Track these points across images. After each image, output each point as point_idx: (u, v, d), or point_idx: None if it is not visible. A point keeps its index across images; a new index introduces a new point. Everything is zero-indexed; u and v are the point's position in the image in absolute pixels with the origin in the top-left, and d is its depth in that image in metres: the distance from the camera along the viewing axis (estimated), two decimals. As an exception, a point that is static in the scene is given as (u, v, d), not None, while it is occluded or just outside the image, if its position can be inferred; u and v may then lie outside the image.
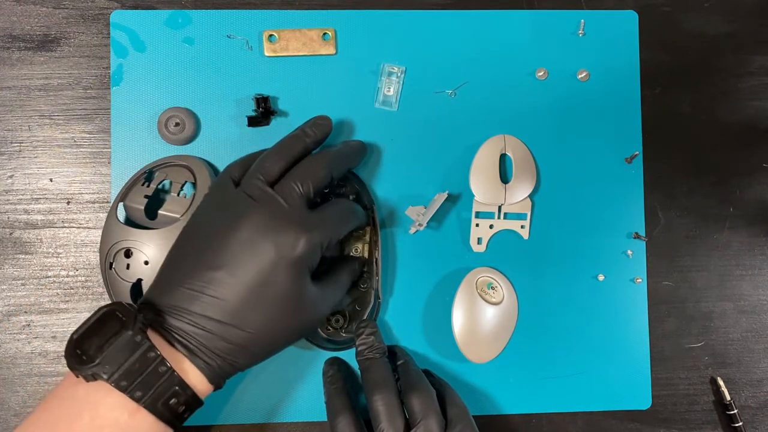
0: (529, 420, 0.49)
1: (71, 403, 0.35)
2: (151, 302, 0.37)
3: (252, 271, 0.37)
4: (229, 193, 0.40)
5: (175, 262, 0.39)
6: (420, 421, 0.39)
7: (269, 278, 0.37)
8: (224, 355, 0.37)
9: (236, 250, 0.37)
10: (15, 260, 0.47)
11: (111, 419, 0.34)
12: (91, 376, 0.34)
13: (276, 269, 0.37)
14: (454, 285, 0.48)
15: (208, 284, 0.37)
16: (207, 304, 0.36)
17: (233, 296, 0.37)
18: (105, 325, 0.34)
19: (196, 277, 0.37)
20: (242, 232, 0.37)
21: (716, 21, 0.52)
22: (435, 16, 0.50)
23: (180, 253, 0.39)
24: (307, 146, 0.42)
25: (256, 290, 0.37)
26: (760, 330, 0.51)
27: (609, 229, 0.49)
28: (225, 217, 0.39)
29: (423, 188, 0.49)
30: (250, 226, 0.38)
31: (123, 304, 0.36)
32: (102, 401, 0.34)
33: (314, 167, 0.41)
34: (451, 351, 0.48)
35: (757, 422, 0.50)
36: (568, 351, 0.49)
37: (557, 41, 0.50)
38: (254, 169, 0.40)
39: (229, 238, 0.37)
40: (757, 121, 0.51)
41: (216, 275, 0.37)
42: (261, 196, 0.39)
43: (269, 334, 0.38)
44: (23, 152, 0.48)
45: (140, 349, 0.34)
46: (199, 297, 0.36)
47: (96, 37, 0.49)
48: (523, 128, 0.49)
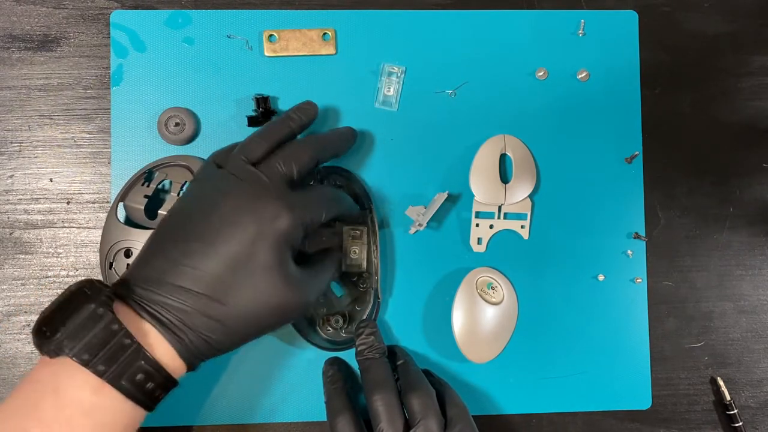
0: (529, 420, 0.49)
1: (37, 385, 0.33)
2: (124, 279, 0.36)
3: (231, 244, 0.36)
4: (212, 173, 0.39)
5: (152, 240, 0.38)
6: (420, 420, 0.39)
7: (249, 250, 0.36)
8: (197, 329, 0.35)
9: (216, 223, 0.36)
10: (15, 260, 0.47)
11: (74, 398, 0.32)
12: (53, 351, 0.32)
13: (256, 243, 0.36)
14: (454, 285, 0.48)
15: (185, 255, 0.35)
16: (182, 274, 0.35)
17: (210, 267, 0.35)
18: (72, 302, 0.33)
19: (172, 250, 0.36)
20: (223, 206, 0.37)
21: (716, 21, 0.52)
22: (435, 16, 0.50)
23: (158, 232, 0.38)
24: (293, 130, 0.42)
25: (234, 263, 0.36)
26: (760, 330, 0.51)
27: (609, 229, 0.49)
28: (206, 194, 0.38)
29: (423, 188, 0.49)
30: (231, 201, 0.37)
31: (92, 280, 0.35)
32: (66, 381, 0.33)
33: (299, 150, 0.40)
34: (451, 351, 0.48)
35: (757, 422, 0.50)
36: (568, 351, 0.49)
37: (557, 41, 0.50)
38: (238, 150, 0.40)
39: (210, 211, 0.37)
40: (757, 121, 0.51)
41: (193, 246, 0.36)
42: (243, 173, 0.38)
43: (247, 310, 0.36)
44: (23, 152, 0.48)
45: (102, 321, 0.32)
46: (174, 267, 0.35)
47: (96, 37, 0.49)
48: (523, 128, 0.49)
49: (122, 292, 0.35)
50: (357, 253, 0.47)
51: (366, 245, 0.47)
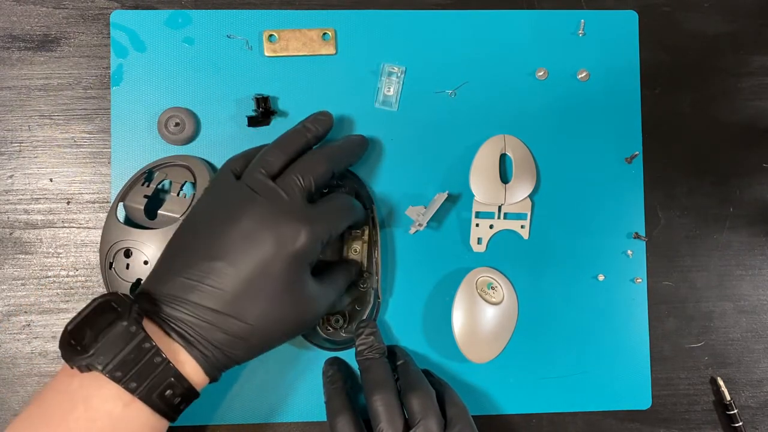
0: (529, 420, 0.49)
1: (65, 395, 0.34)
2: (147, 292, 0.37)
3: (252, 263, 0.37)
4: (230, 185, 0.40)
5: (173, 253, 0.39)
6: (419, 421, 0.39)
7: (269, 270, 0.37)
8: (221, 346, 0.37)
9: (236, 241, 0.37)
10: (15, 260, 0.47)
11: (104, 411, 0.34)
12: (86, 366, 0.33)
13: (276, 261, 0.37)
14: (454, 285, 0.48)
15: (207, 274, 0.36)
16: (205, 293, 0.36)
17: (232, 286, 0.36)
18: (100, 315, 0.34)
19: (194, 267, 0.37)
20: (243, 223, 0.37)
21: (716, 21, 0.52)
22: (435, 16, 0.50)
23: (178, 243, 0.39)
24: (308, 141, 0.42)
25: (255, 281, 0.37)
26: (760, 330, 0.51)
27: (609, 229, 0.49)
28: (226, 208, 0.38)
29: (423, 188, 0.49)
30: (251, 218, 0.37)
31: (118, 294, 0.36)
32: (96, 393, 0.34)
33: (315, 162, 0.41)
34: (451, 351, 0.48)
35: (757, 422, 0.50)
36: (568, 351, 0.49)
37: (557, 41, 0.50)
38: (256, 162, 0.40)
39: (230, 229, 0.37)
40: (757, 121, 0.51)
41: (215, 265, 0.36)
42: (263, 188, 0.39)
43: (267, 327, 0.38)
44: (23, 152, 0.48)
45: (135, 340, 0.33)
46: (198, 287, 0.36)
47: (96, 37, 0.49)
48: (523, 128, 0.49)
49: (149, 308, 0.36)
50: (357, 252, 0.47)
51: (367, 245, 0.47)
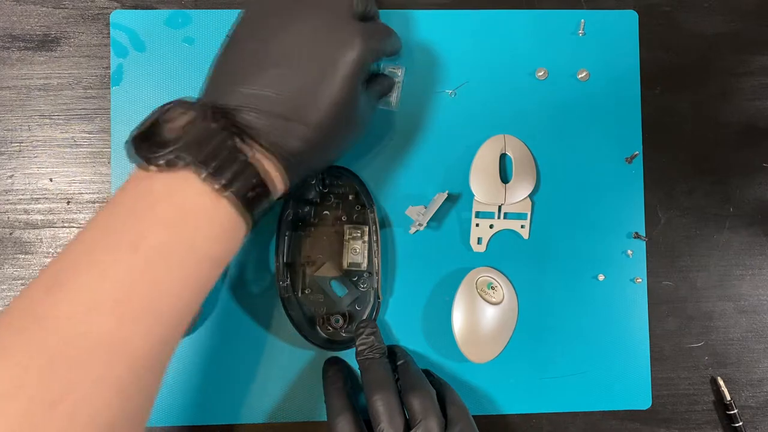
0: (529, 420, 0.49)
1: (148, 194, 0.32)
2: (217, 104, 0.35)
3: (315, 70, 0.36)
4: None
5: (230, 61, 0.37)
6: (420, 421, 0.39)
7: (332, 76, 0.36)
8: (292, 151, 0.36)
9: (297, 46, 0.36)
10: (15, 260, 0.47)
11: (198, 203, 0.32)
12: (172, 161, 0.31)
13: (338, 67, 0.36)
14: (454, 285, 0.48)
15: (269, 82, 0.35)
16: (272, 101, 0.35)
17: (296, 93, 0.35)
18: (172, 118, 0.33)
19: (255, 75, 0.35)
20: (304, 26, 0.36)
21: (716, 21, 0.52)
22: (435, 16, 0.50)
23: (234, 50, 0.38)
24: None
25: (318, 88, 0.36)
26: (760, 330, 0.51)
27: (609, 229, 0.49)
28: (284, 10, 0.37)
29: (423, 188, 0.49)
30: (311, 22, 0.37)
31: (183, 100, 0.34)
32: (181, 189, 0.32)
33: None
34: (451, 351, 0.48)
35: (757, 422, 0.50)
36: (568, 351, 0.49)
37: (557, 41, 0.50)
38: None
39: (290, 32, 0.36)
40: (757, 121, 0.51)
41: (276, 72, 0.35)
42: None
43: (332, 134, 0.37)
44: (23, 152, 0.48)
45: (219, 136, 0.32)
46: (262, 95, 0.35)
47: (96, 37, 0.49)
48: (523, 128, 0.49)
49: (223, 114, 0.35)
50: (358, 252, 0.47)
51: (367, 245, 0.47)
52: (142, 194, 0.32)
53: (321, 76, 0.36)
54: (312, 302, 0.47)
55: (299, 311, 0.47)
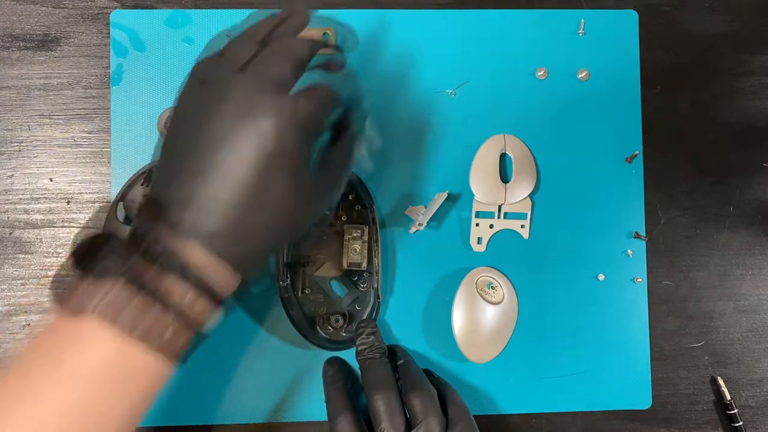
0: (529, 420, 0.49)
1: (57, 339, 0.31)
2: (155, 198, 0.34)
3: (237, 165, 0.32)
4: (195, 82, 0.35)
5: (168, 158, 0.35)
6: (421, 421, 0.39)
7: (274, 142, 0.33)
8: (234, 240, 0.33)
9: (211, 145, 0.33)
10: (15, 260, 0.47)
11: (97, 354, 0.31)
12: (74, 311, 0.31)
13: (280, 132, 0.33)
14: (454, 285, 0.48)
15: (196, 186, 0.33)
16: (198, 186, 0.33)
17: (222, 194, 0.33)
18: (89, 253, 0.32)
19: (183, 179, 0.33)
20: (216, 122, 0.33)
21: (716, 21, 0.52)
22: (435, 15, 0.50)
23: (169, 142, 0.35)
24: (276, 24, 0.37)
25: (262, 160, 0.32)
26: (760, 330, 0.51)
27: (609, 229, 0.49)
28: (196, 107, 0.34)
29: (423, 188, 0.49)
30: (224, 114, 0.33)
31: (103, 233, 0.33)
32: (89, 335, 0.31)
33: (290, 41, 0.36)
34: (451, 351, 0.48)
35: (758, 422, 0.50)
36: (568, 351, 0.49)
37: (557, 41, 0.50)
38: (221, 53, 0.35)
39: (202, 132, 0.33)
40: (757, 121, 0.51)
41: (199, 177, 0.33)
42: (230, 80, 0.33)
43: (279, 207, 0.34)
44: (23, 152, 0.48)
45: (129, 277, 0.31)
46: (200, 185, 0.33)
47: (96, 36, 0.49)
48: (523, 128, 0.49)
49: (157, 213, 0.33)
50: (358, 252, 0.46)
51: (367, 245, 0.47)
52: (54, 337, 0.32)
53: (247, 177, 0.33)
54: (312, 302, 0.47)
55: (299, 311, 0.47)
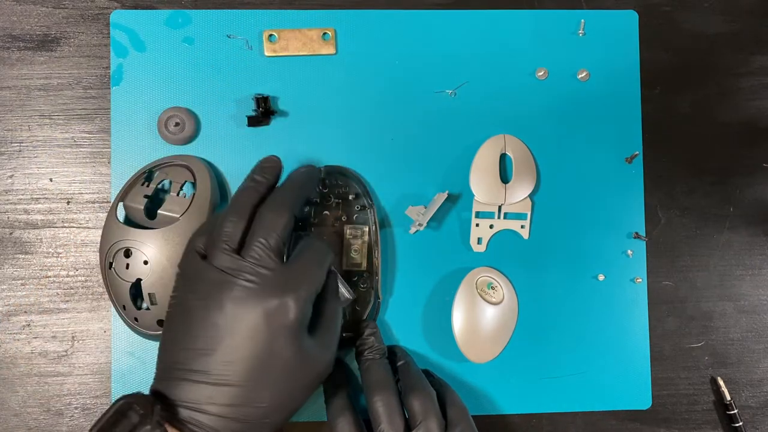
0: (529, 420, 0.49)
1: None
2: (161, 393, 0.36)
3: (248, 348, 0.36)
4: (200, 269, 0.38)
5: (172, 349, 0.37)
6: (420, 422, 0.39)
7: (268, 349, 0.36)
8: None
9: (224, 329, 0.36)
10: (15, 260, 0.47)
11: None
12: None
13: (273, 339, 0.36)
14: (454, 285, 0.48)
15: (208, 371, 0.35)
16: (213, 391, 0.35)
17: (237, 377, 0.35)
18: (122, 418, 0.33)
19: (193, 366, 0.36)
20: (226, 310, 0.36)
21: (716, 21, 0.52)
22: (435, 16, 0.50)
23: (173, 338, 0.38)
24: (262, 194, 0.41)
25: (260, 364, 0.36)
26: (760, 330, 0.51)
27: (609, 229, 0.49)
28: (204, 299, 0.37)
29: (423, 188, 0.49)
30: (232, 302, 0.36)
31: (140, 395, 0.35)
32: None
33: (274, 217, 0.39)
34: (451, 351, 0.48)
35: (757, 422, 0.50)
36: (568, 351, 0.49)
37: (557, 41, 0.50)
38: (215, 237, 0.38)
39: (213, 318, 0.36)
40: (757, 121, 0.51)
41: (212, 360, 0.35)
42: (233, 269, 0.37)
43: (283, 401, 0.37)
44: (23, 152, 0.48)
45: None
46: (203, 387, 0.35)
47: (96, 37, 0.49)
48: (523, 128, 0.49)
49: (165, 413, 0.35)
50: (357, 252, 0.46)
51: (366, 245, 0.47)
52: None
53: (260, 353, 0.36)
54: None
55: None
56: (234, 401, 0.36)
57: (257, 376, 0.36)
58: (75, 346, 0.47)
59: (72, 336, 0.47)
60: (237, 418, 0.36)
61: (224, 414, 0.35)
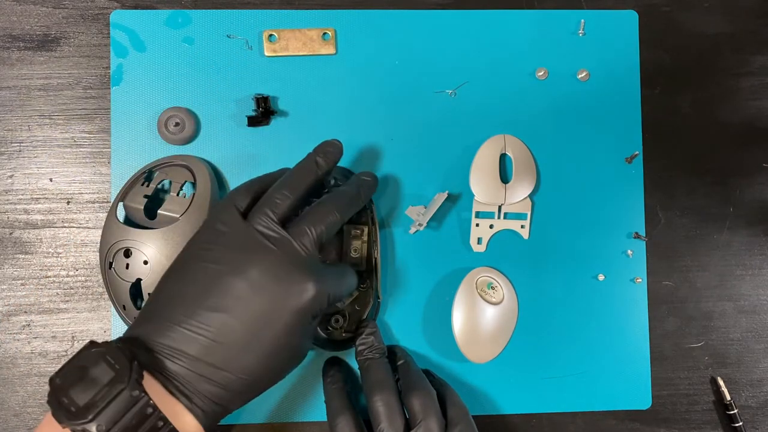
0: (529, 420, 0.49)
1: None
2: (142, 339, 0.34)
3: (258, 317, 0.35)
4: (238, 227, 0.37)
5: (170, 297, 0.36)
6: (420, 421, 0.39)
7: (275, 325, 0.35)
8: (221, 401, 0.35)
9: (243, 292, 0.35)
10: (15, 260, 0.47)
11: None
12: (82, 431, 0.31)
13: (283, 316, 0.36)
14: (454, 285, 0.48)
15: (209, 326, 0.34)
16: (207, 348, 0.34)
17: (235, 341, 0.35)
18: (93, 370, 0.32)
19: (195, 317, 0.35)
20: (252, 274, 0.35)
21: (716, 21, 0.52)
22: (435, 16, 0.50)
23: (177, 287, 0.36)
24: (318, 177, 0.41)
25: (259, 336, 0.35)
26: (760, 330, 0.51)
27: (609, 229, 0.49)
28: (234, 253, 0.36)
29: (423, 188, 0.49)
30: (261, 270, 0.36)
31: (112, 346, 0.33)
32: None
33: (328, 211, 0.39)
34: (451, 351, 0.48)
35: (757, 422, 0.50)
36: (568, 351, 0.49)
37: (557, 41, 0.50)
38: (263, 203, 0.38)
39: (237, 279, 0.35)
40: (757, 121, 0.51)
41: (219, 318, 0.35)
42: (274, 237, 0.37)
43: (264, 377, 0.37)
44: (23, 152, 0.48)
45: (138, 405, 0.31)
46: (199, 340, 0.34)
47: (96, 37, 0.49)
48: (523, 128, 0.49)
49: (146, 358, 0.34)
50: (357, 252, 0.46)
51: (366, 245, 0.47)
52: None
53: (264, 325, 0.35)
54: None
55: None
56: (223, 364, 0.34)
57: (253, 346, 0.35)
58: (75, 346, 0.47)
59: (72, 336, 0.47)
60: (222, 383, 0.35)
61: (208, 374, 0.34)
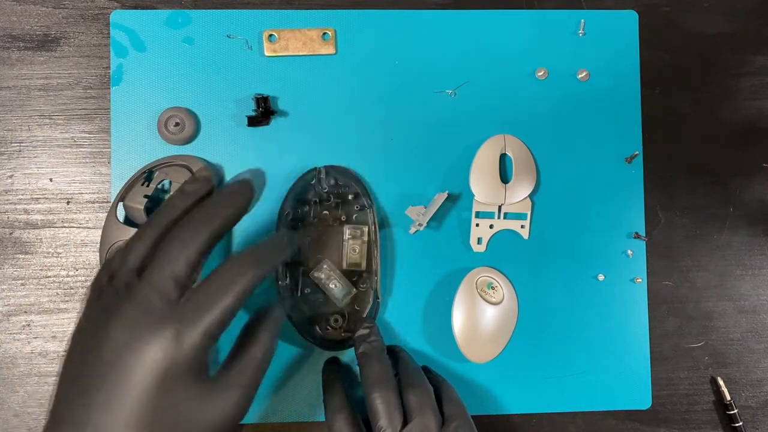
0: (529, 420, 0.49)
1: None
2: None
3: (130, 394, 0.30)
4: (100, 290, 0.33)
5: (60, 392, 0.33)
6: (416, 417, 0.39)
7: (158, 395, 0.31)
8: None
9: (102, 370, 0.31)
10: (15, 260, 0.47)
11: None
12: None
13: (162, 382, 0.31)
14: (454, 285, 0.48)
15: (87, 420, 0.30)
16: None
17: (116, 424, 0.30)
18: None
19: (73, 409, 0.31)
20: (110, 343, 0.31)
21: (716, 21, 0.52)
22: (435, 16, 0.50)
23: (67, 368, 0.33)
24: (187, 209, 0.36)
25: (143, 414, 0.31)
26: (760, 330, 0.51)
27: (609, 229, 0.49)
28: (90, 320, 0.33)
29: (423, 188, 0.49)
30: (115, 337, 0.31)
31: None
32: None
33: (185, 238, 0.33)
34: (451, 351, 0.48)
35: (758, 422, 0.50)
36: (568, 351, 0.49)
37: (557, 41, 0.50)
38: (124, 251, 0.34)
39: (99, 350, 0.31)
40: (757, 121, 0.51)
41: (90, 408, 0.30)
42: (124, 290, 0.32)
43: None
44: (23, 152, 0.48)
45: None
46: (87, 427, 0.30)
47: (96, 37, 0.49)
48: (523, 128, 0.49)
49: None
50: (357, 252, 0.46)
51: (366, 245, 0.47)
52: None
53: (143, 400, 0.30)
54: (311, 302, 0.47)
55: (299, 311, 0.47)
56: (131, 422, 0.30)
57: (146, 424, 0.30)
58: (75, 346, 0.47)
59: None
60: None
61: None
